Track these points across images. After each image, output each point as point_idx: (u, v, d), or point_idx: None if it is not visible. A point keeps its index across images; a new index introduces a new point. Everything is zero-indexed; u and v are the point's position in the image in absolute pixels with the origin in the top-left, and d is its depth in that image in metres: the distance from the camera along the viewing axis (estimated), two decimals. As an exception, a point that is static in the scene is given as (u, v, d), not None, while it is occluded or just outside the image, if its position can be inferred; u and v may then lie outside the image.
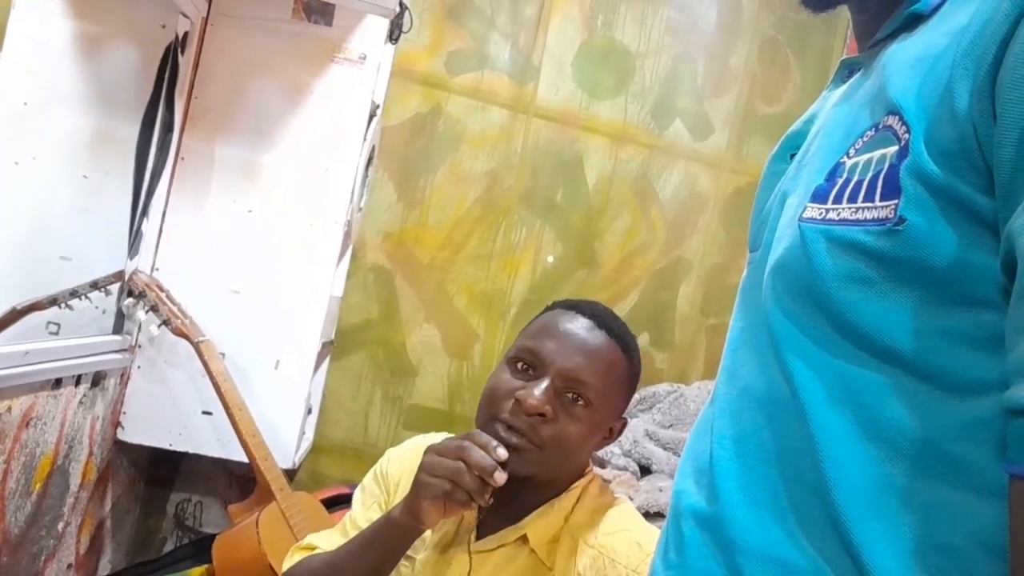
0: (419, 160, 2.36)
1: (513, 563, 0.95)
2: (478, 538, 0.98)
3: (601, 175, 2.45)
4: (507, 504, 0.95)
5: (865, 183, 0.47)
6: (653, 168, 2.48)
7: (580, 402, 0.91)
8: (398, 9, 1.88)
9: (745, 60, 2.52)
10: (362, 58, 1.93)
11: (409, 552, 0.98)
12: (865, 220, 0.46)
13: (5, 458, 1.35)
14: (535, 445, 0.89)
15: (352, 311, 2.31)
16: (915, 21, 0.51)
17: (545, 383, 0.90)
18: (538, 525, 0.95)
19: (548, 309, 1.00)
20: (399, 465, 1.06)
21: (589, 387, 0.91)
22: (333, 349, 2.26)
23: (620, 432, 1.01)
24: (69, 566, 1.70)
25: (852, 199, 0.48)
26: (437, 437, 1.06)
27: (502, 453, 0.85)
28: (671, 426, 2.10)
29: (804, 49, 2.56)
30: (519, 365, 0.93)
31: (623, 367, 0.95)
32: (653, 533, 0.96)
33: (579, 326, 0.93)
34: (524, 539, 0.95)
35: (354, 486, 2.10)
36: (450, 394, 2.38)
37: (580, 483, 0.99)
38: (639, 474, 1.96)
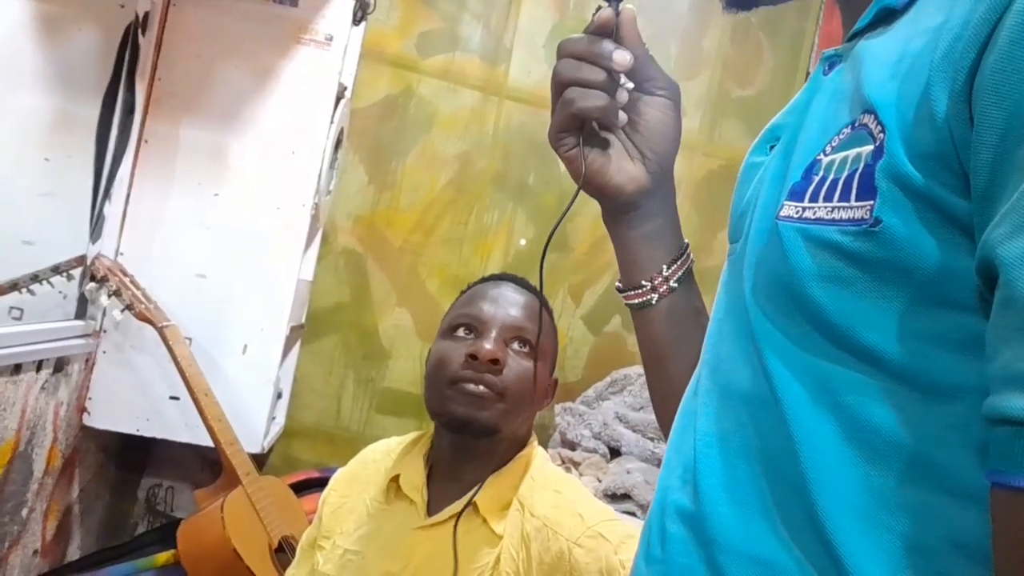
0: (390, 142, 2.35)
1: (466, 534, 0.97)
2: (429, 515, 1.00)
3: (573, 158, 2.44)
4: (456, 478, 1.00)
5: (840, 182, 0.46)
6: (626, 151, 2.47)
7: (526, 348, 1.00)
8: (363, -11, 1.86)
9: (718, 42, 2.51)
10: (328, 39, 1.91)
11: (355, 547, 1.01)
12: (841, 220, 0.45)
13: (-37, 444, 1.34)
14: (497, 392, 0.96)
15: (323, 295, 2.29)
16: (889, 15, 0.50)
17: (492, 334, 0.99)
18: (488, 494, 0.98)
19: (469, 287, 1.10)
20: (336, 492, 1.11)
21: (529, 331, 1.01)
22: (304, 333, 2.25)
23: (554, 391, 1.10)
24: (35, 552, 1.69)
25: (828, 198, 0.47)
26: (378, 445, 1.15)
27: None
28: (641, 408, 2.11)
29: (776, 31, 2.55)
30: (460, 332, 1.01)
31: (548, 320, 1.07)
32: (595, 504, 1.01)
33: (506, 288, 1.05)
34: (475, 509, 0.97)
35: (325, 470, 2.11)
36: (423, 377, 2.37)
37: (525, 453, 1.04)
38: (608, 456, 1.97)
